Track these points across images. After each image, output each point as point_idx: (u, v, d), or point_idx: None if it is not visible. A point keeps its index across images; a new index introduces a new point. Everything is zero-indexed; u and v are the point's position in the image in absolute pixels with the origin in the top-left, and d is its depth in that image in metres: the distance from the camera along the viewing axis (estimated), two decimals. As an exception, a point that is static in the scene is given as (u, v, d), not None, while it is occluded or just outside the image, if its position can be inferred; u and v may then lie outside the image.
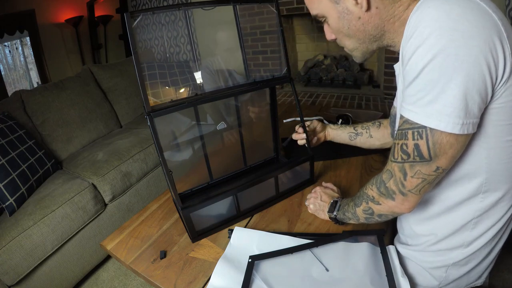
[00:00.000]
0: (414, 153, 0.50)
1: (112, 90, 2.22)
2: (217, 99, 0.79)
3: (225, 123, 0.93)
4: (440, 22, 0.43)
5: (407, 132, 0.49)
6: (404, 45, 0.50)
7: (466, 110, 0.44)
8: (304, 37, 3.08)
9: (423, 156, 0.49)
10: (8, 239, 1.20)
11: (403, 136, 0.51)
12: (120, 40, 3.94)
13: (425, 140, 0.47)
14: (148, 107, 0.69)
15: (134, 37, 0.66)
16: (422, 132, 0.47)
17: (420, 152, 0.49)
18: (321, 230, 0.80)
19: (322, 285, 0.64)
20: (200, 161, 0.95)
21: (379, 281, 0.62)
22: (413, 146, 0.49)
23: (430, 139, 0.47)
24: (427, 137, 0.47)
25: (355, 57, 0.65)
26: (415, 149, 0.49)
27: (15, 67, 3.34)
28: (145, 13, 0.67)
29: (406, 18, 0.53)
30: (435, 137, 0.47)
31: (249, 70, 0.87)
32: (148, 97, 0.69)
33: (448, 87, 0.43)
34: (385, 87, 2.53)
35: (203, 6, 0.77)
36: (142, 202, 1.76)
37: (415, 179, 0.52)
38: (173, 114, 0.74)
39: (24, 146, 1.49)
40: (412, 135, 0.49)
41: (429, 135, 0.47)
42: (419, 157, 0.49)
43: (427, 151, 0.48)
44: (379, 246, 0.69)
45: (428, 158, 0.49)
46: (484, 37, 0.42)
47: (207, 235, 0.82)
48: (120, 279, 1.54)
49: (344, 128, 0.99)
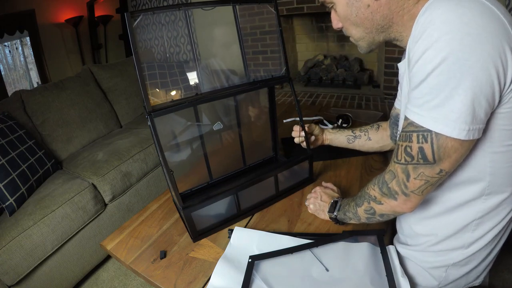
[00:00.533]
0: (418, 156, 0.49)
1: (112, 90, 2.22)
2: (216, 99, 0.80)
3: (223, 123, 0.93)
4: (450, 25, 0.43)
5: (411, 134, 0.49)
6: (411, 46, 0.49)
7: (473, 115, 0.44)
8: (304, 37, 3.08)
9: (427, 159, 0.49)
10: (8, 239, 1.20)
11: (408, 138, 0.50)
12: (120, 40, 3.94)
13: (430, 144, 0.47)
14: (149, 107, 0.69)
15: (134, 37, 0.66)
16: (427, 135, 0.47)
17: (425, 155, 0.49)
18: (321, 230, 0.80)
19: (322, 285, 0.63)
20: (199, 161, 0.95)
21: (379, 281, 0.62)
22: (417, 149, 0.49)
23: (435, 143, 0.47)
24: (432, 141, 0.47)
25: (361, 47, 0.65)
26: (420, 152, 0.49)
27: (15, 67, 3.34)
28: (145, 13, 0.67)
29: (415, 13, 0.53)
30: (440, 141, 0.46)
31: (248, 70, 0.87)
32: (149, 97, 0.69)
33: (456, 92, 0.43)
34: (385, 87, 2.53)
35: (203, 6, 0.77)
36: (142, 202, 1.76)
37: (418, 180, 0.52)
38: (172, 115, 0.74)
39: (24, 146, 1.50)
40: (417, 138, 0.48)
41: (434, 139, 0.47)
42: (423, 159, 0.49)
43: (432, 155, 0.48)
44: (379, 246, 0.69)
45: (432, 161, 0.49)
46: (494, 42, 0.42)
47: (208, 235, 0.82)
48: (120, 279, 1.54)
49: (342, 131, 0.99)
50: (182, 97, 0.76)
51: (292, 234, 0.78)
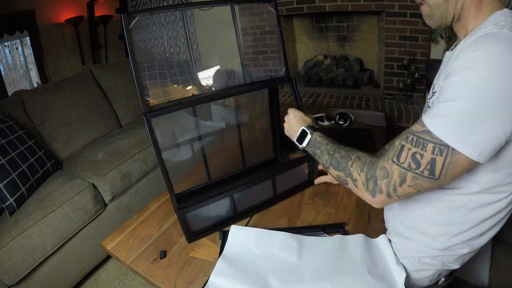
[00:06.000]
0: (426, 167, 0.49)
1: (112, 90, 2.22)
2: (213, 100, 0.79)
3: (223, 124, 0.93)
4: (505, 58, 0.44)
5: (427, 144, 0.49)
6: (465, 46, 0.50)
7: (495, 142, 0.46)
8: (304, 37, 3.08)
9: (433, 173, 0.49)
10: (8, 239, 1.20)
11: (420, 145, 0.50)
12: (120, 40, 3.94)
13: (443, 158, 0.48)
14: (145, 108, 0.70)
15: (131, 38, 0.66)
16: (444, 149, 0.47)
17: (433, 168, 0.49)
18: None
19: (321, 277, 0.64)
20: (198, 161, 0.95)
21: (376, 270, 0.64)
22: (429, 159, 0.49)
23: (449, 158, 0.47)
24: (447, 156, 0.48)
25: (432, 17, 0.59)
26: (430, 163, 0.49)
27: (15, 67, 3.34)
28: (142, 14, 0.67)
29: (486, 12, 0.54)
30: (454, 158, 0.47)
31: (248, 70, 0.87)
32: (146, 97, 0.69)
33: (489, 119, 0.45)
34: (385, 87, 2.53)
35: (201, 6, 0.77)
36: (142, 202, 1.76)
37: (411, 188, 0.52)
38: (172, 115, 0.74)
39: (24, 146, 1.49)
40: (433, 149, 0.48)
41: (449, 154, 0.47)
42: (429, 172, 0.49)
43: (440, 169, 0.48)
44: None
45: (437, 176, 0.49)
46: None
47: (204, 236, 0.82)
48: (120, 279, 1.54)
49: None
50: (179, 97, 0.76)
51: (289, 229, 0.79)
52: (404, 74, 2.31)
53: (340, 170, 0.63)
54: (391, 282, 0.63)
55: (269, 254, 0.72)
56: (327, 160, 0.67)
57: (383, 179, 0.54)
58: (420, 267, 0.66)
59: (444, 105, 0.48)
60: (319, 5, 2.45)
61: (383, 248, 0.70)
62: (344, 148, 0.65)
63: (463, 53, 0.48)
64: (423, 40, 2.17)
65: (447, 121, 0.47)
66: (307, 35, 3.05)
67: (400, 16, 2.19)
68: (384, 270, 0.66)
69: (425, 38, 2.16)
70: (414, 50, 2.21)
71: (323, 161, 0.68)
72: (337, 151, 0.66)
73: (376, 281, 0.62)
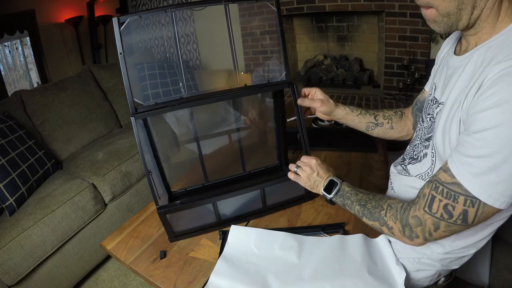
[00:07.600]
0: (459, 217, 0.50)
1: (112, 90, 2.22)
2: (200, 104, 0.77)
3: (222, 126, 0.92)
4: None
5: (458, 196, 0.49)
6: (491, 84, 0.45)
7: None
8: (304, 37, 3.08)
9: (466, 221, 0.49)
10: (8, 239, 1.20)
11: (452, 198, 0.49)
12: (120, 40, 3.94)
13: (475, 209, 0.48)
14: (133, 109, 0.71)
15: (121, 41, 0.68)
16: (475, 202, 0.48)
17: (466, 218, 0.49)
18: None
19: (322, 278, 0.64)
20: (197, 162, 0.94)
21: (376, 270, 0.64)
22: (461, 211, 0.49)
23: (481, 209, 0.48)
24: (479, 207, 0.48)
25: (439, 23, 0.53)
26: (462, 214, 0.49)
27: (15, 67, 3.34)
28: (132, 17, 0.68)
29: (494, 26, 0.51)
30: (485, 209, 0.48)
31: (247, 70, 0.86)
32: (134, 99, 0.71)
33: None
34: (385, 87, 2.53)
35: (193, 6, 0.76)
36: (142, 202, 1.76)
37: (445, 233, 0.52)
38: (170, 115, 0.74)
39: (24, 146, 1.49)
40: (464, 201, 0.48)
41: (481, 206, 0.47)
42: (462, 221, 0.50)
43: (473, 218, 0.49)
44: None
45: (470, 223, 0.50)
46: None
47: (187, 237, 0.82)
48: (120, 279, 1.54)
49: (363, 116, 0.87)
50: (168, 99, 0.76)
51: (289, 229, 0.79)
52: (404, 74, 2.31)
53: (374, 220, 0.64)
54: (391, 282, 0.63)
55: (269, 254, 0.72)
56: (358, 210, 0.67)
57: (417, 227, 0.55)
58: (420, 267, 0.66)
59: (477, 161, 0.46)
60: (319, 5, 2.45)
61: (383, 248, 0.71)
62: (374, 198, 0.65)
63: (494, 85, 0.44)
64: (423, 40, 2.17)
65: (481, 179, 0.46)
66: (307, 35, 3.05)
67: (400, 16, 2.19)
68: (384, 270, 0.66)
69: (425, 38, 2.16)
70: (414, 50, 2.21)
71: (355, 211, 0.68)
72: (369, 202, 0.65)
73: (376, 281, 0.62)
